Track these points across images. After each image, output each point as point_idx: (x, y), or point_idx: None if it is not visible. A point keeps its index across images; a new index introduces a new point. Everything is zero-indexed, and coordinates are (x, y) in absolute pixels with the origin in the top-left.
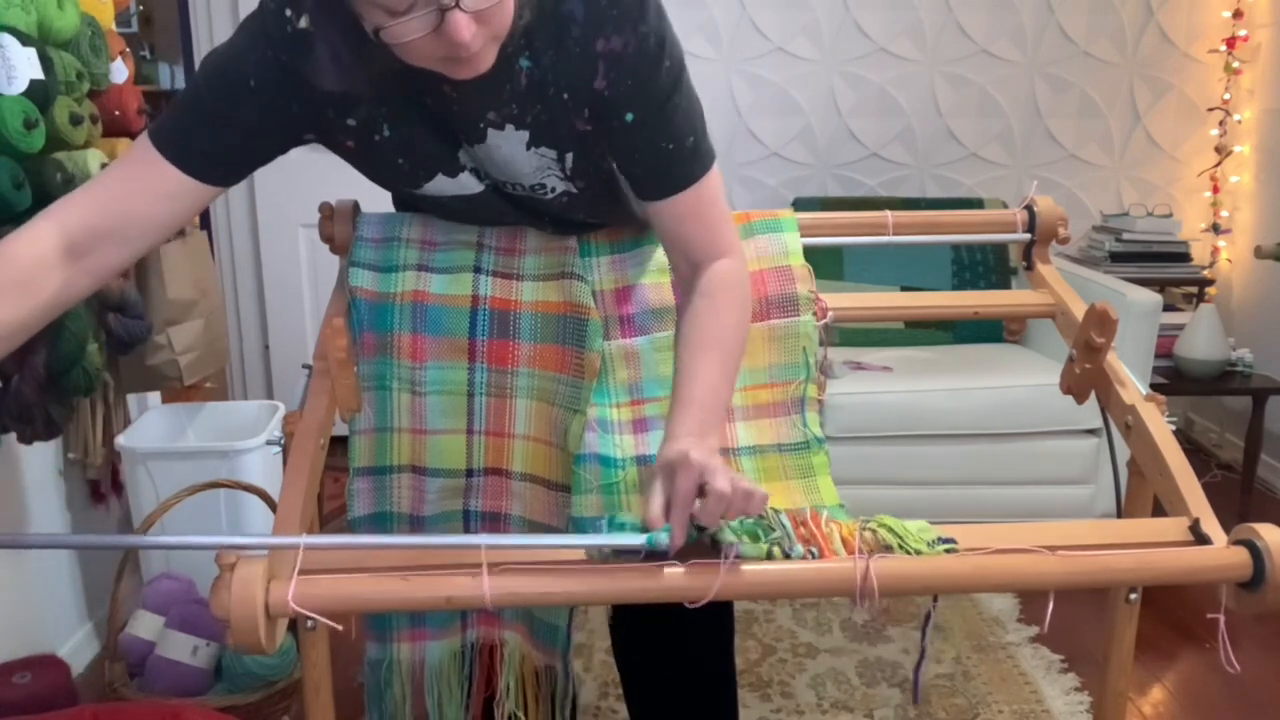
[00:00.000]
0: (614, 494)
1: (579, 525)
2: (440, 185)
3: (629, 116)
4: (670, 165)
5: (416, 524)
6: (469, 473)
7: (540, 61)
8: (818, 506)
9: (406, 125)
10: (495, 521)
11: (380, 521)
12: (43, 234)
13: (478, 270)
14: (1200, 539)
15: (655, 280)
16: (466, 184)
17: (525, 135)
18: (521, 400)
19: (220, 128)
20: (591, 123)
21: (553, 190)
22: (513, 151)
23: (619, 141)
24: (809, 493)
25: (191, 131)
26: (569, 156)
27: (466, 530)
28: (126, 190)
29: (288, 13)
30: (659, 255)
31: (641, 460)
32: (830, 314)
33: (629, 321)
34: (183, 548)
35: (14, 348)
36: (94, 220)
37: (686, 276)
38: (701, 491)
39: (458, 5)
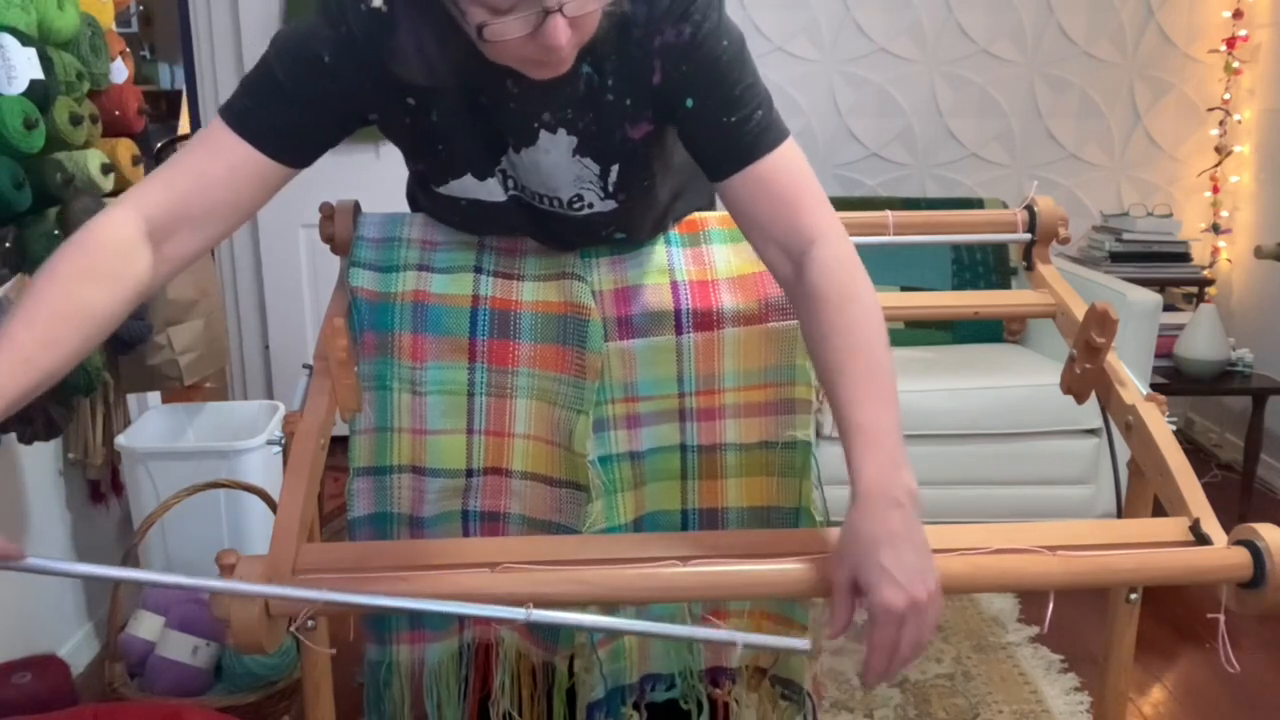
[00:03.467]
0: (612, 493)
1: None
2: (465, 185)
3: (688, 102)
4: (734, 139)
5: (416, 524)
6: (469, 473)
7: (602, 67)
8: (788, 506)
9: (454, 116)
10: (494, 521)
11: (380, 522)
12: (125, 220)
13: (478, 270)
14: (1200, 539)
15: (655, 282)
16: (491, 190)
17: (574, 142)
18: (521, 400)
19: (293, 105)
20: (656, 120)
21: (589, 205)
22: (559, 158)
23: (684, 130)
24: (785, 491)
25: (265, 109)
26: (614, 169)
27: (465, 530)
28: (203, 172)
29: None
30: (659, 257)
31: (634, 456)
32: None
33: (626, 324)
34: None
35: (104, 338)
36: (172, 204)
37: (788, 276)
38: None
39: (560, 9)
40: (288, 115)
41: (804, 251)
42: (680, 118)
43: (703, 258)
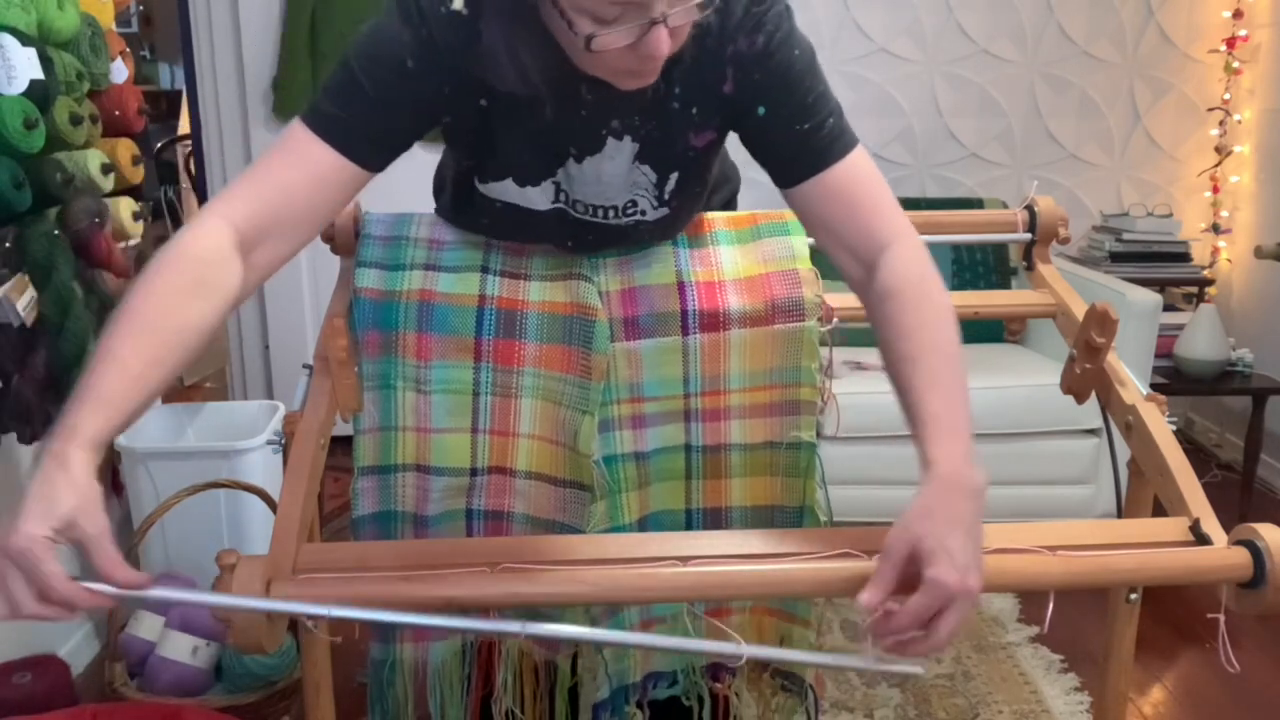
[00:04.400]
0: (616, 493)
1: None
2: (503, 189)
3: (760, 110)
4: (807, 146)
5: (420, 523)
6: (473, 472)
7: (669, 75)
8: (792, 505)
9: (522, 121)
10: (498, 520)
11: (384, 520)
12: (216, 231)
13: (485, 270)
14: (1200, 539)
15: (662, 283)
16: (530, 197)
17: (636, 148)
18: (526, 400)
19: (377, 110)
20: (720, 129)
21: (641, 213)
22: (620, 165)
23: (754, 137)
24: (789, 491)
25: (349, 114)
26: (673, 178)
27: (469, 529)
28: (288, 179)
29: None
30: (666, 259)
31: (639, 456)
32: (836, 319)
33: (633, 324)
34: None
35: (200, 351)
36: (260, 214)
37: (860, 279)
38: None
39: (664, 20)
40: (371, 120)
41: (878, 255)
42: (751, 125)
43: (709, 259)
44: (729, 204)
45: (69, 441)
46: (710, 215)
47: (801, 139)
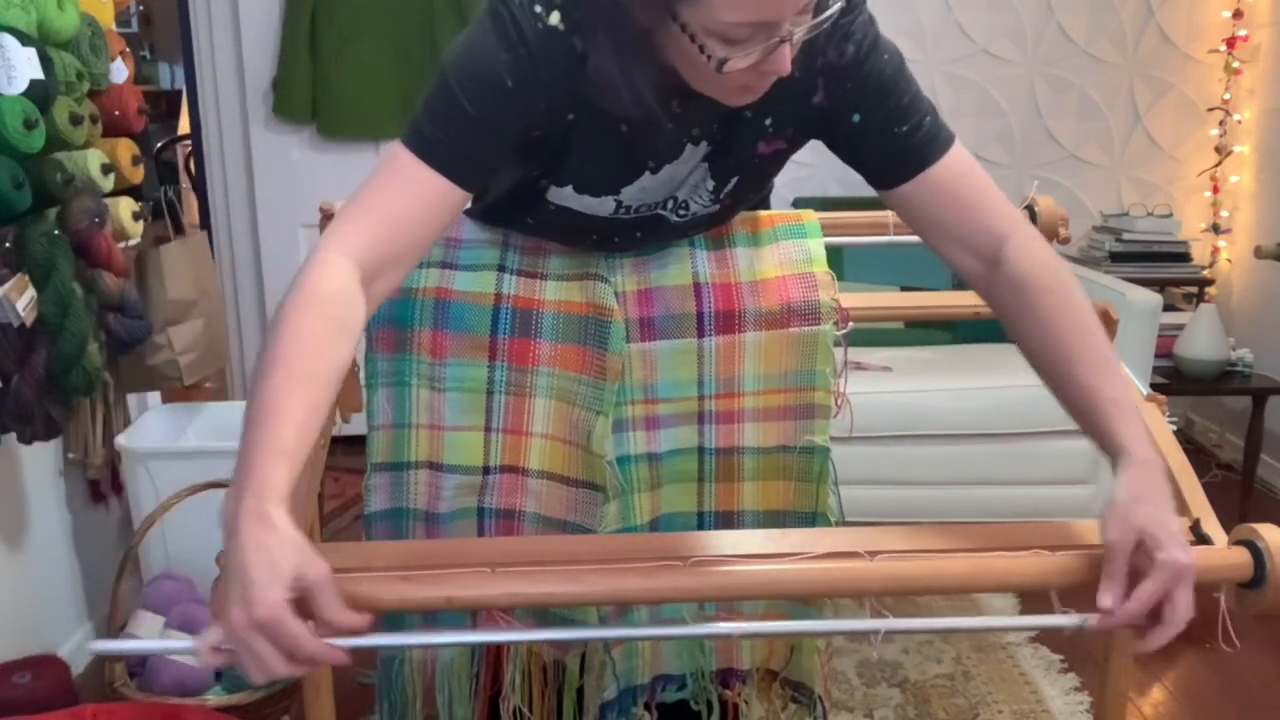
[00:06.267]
0: (629, 494)
1: None
2: (561, 194)
3: (855, 118)
4: (906, 148)
5: (431, 520)
6: (485, 470)
7: None
8: (804, 510)
9: (599, 135)
10: (509, 519)
11: (396, 517)
12: (341, 269)
13: (502, 269)
14: (1201, 539)
15: (678, 284)
16: (587, 204)
17: (706, 150)
18: (540, 399)
19: (478, 131)
20: (795, 140)
21: (693, 215)
22: (688, 169)
23: (849, 143)
24: (802, 495)
25: (453, 138)
26: (733, 181)
27: (480, 527)
28: (401, 210)
29: (537, 9)
30: (683, 259)
31: (652, 458)
32: (851, 323)
33: (649, 325)
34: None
35: (338, 392)
36: (377, 245)
37: (980, 274)
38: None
39: (790, 38)
40: (474, 142)
41: (998, 247)
42: (845, 133)
43: (726, 261)
44: (762, 204)
45: (264, 500)
46: None
47: (900, 141)
